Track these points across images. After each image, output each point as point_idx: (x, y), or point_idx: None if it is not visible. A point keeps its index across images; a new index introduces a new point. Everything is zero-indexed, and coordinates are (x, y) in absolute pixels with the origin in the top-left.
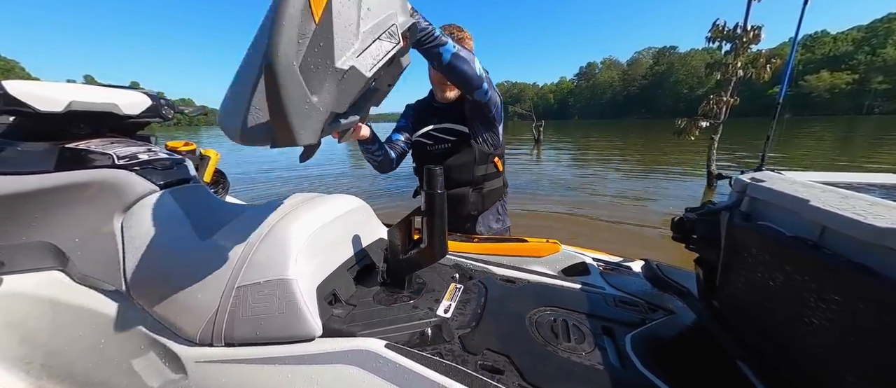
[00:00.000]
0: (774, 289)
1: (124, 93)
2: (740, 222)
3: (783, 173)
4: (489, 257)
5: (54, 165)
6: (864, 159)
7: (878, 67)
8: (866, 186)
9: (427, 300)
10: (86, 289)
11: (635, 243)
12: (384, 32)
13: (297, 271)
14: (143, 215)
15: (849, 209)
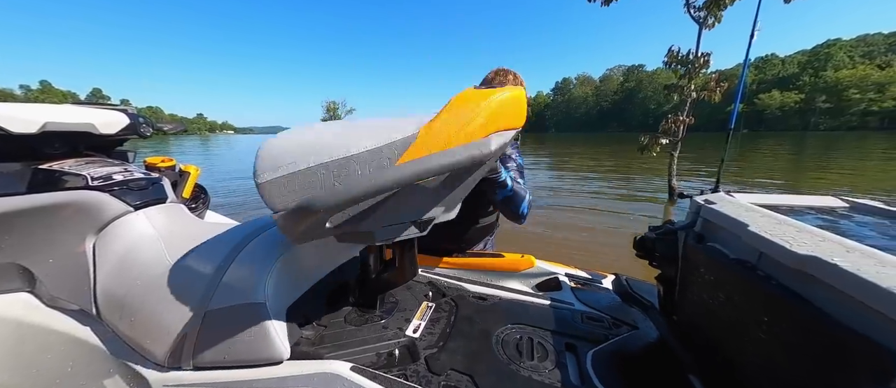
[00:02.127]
0: (721, 306)
1: (101, 112)
2: (693, 243)
3: (734, 196)
4: (465, 274)
5: (26, 187)
6: (812, 173)
7: (821, 88)
8: (805, 208)
9: (397, 320)
10: (54, 311)
11: (607, 251)
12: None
13: (267, 293)
14: (115, 237)
15: (779, 235)
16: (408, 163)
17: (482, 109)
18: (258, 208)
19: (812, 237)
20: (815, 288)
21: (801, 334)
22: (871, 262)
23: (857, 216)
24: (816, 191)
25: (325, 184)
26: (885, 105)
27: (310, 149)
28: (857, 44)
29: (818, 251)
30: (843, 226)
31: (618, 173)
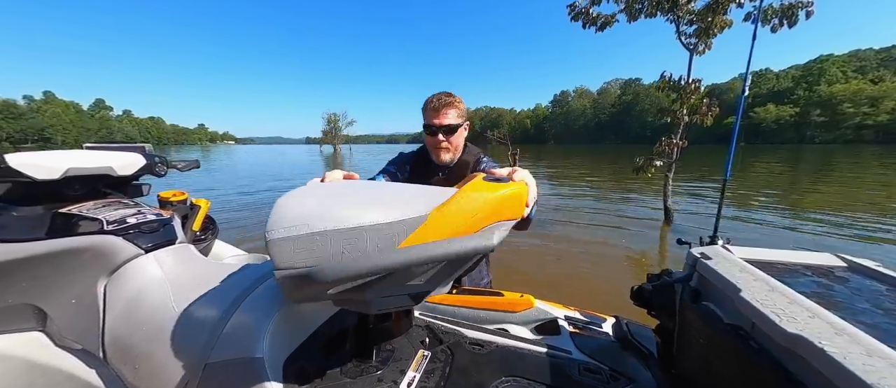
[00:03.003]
0: (718, 368)
1: (119, 155)
2: (689, 301)
3: (731, 249)
4: (462, 312)
5: (46, 232)
6: (811, 194)
7: (815, 102)
8: (801, 267)
9: (393, 371)
10: (64, 352)
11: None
12: None
13: (266, 347)
14: (125, 280)
15: (770, 306)
16: (414, 247)
17: (489, 201)
18: (259, 224)
19: (803, 313)
20: (804, 368)
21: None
22: (859, 350)
23: (853, 280)
24: (814, 208)
25: (333, 252)
26: (880, 119)
27: (323, 212)
28: (849, 59)
29: (807, 331)
30: (838, 294)
31: (618, 189)
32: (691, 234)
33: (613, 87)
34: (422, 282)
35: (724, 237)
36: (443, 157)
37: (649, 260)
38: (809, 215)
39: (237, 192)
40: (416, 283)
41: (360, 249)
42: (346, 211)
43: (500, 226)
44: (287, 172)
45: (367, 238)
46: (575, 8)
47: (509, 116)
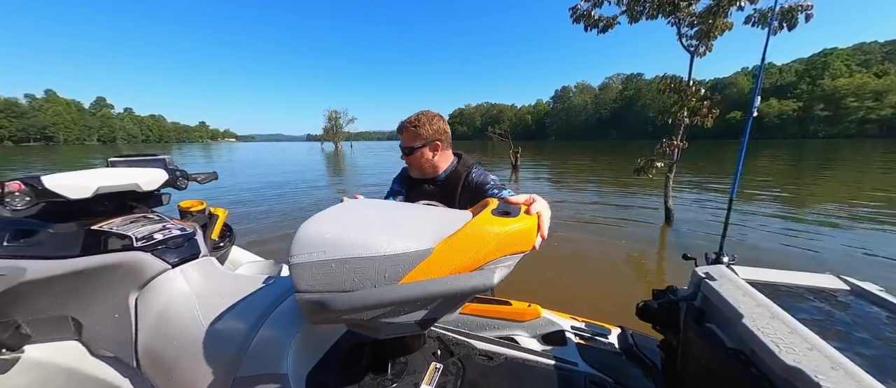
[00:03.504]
0: (722, 384)
1: (144, 171)
2: (693, 322)
3: (736, 269)
4: (472, 320)
5: (80, 250)
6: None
7: (818, 96)
8: (804, 290)
9: (407, 384)
10: (100, 361)
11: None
12: None
13: (289, 363)
14: (155, 294)
15: (771, 335)
16: (416, 284)
17: (495, 236)
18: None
19: (801, 344)
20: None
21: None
22: (847, 382)
23: (854, 306)
24: (817, 203)
25: (346, 279)
26: (884, 113)
27: (340, 241)
28: (853, 52)
29: (805, 363)
30: (838, 321)
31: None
32: (690, 236)
33: (615, 82)
34: (428, 311)
35: (729, 254)
36: (413, 174)
37: (649, 261)
38: (816, 213)
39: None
40: (422, 311)
41: (368, 278)
42: (359, 240)
43: (505, 260)
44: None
45: (376, 268)
46: (577, 11)
47: (510, 112)
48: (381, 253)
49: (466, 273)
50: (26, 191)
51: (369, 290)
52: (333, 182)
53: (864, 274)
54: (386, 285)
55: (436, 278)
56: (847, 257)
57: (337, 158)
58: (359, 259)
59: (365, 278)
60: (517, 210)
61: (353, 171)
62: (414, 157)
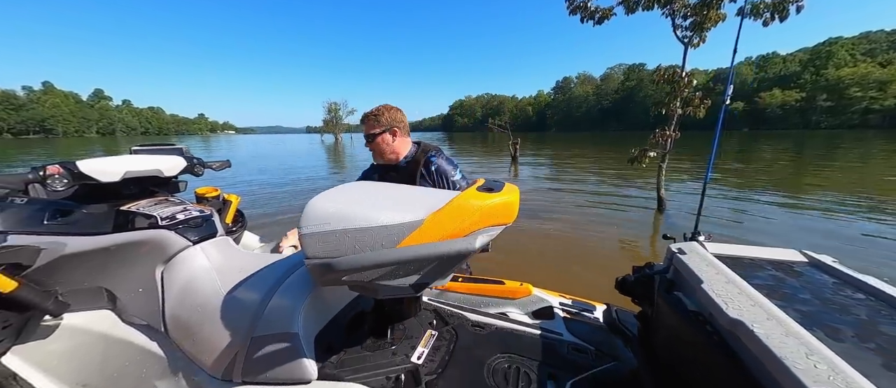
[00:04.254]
0: (682, 348)
1: (165, 158)
2: (663, 290)
3: (707, 245)
4: (467, 298)
5: (112, 227)
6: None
7: (822, 86)
8: (765, 262)
9: (405, 347)
10: (131, 327)
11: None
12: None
13: (300, 324)
14: (179, 268)
15: (723, 296)
16: (410, 248)
17: (478, 209)
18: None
19: (747, 301)
20: (741, 346)
21: (736, 383)
22: (780, 332)
23: (807, 274)
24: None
25: (347, 247)
26: (887, 103)
27: (342, 214)
28: (859, 41)
29: (745, 316)
30: (787, 286)
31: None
32: (681, 221)
33: (617, 72)
34: (420, 275)
35: (705, 233)
36: (376, 160)
37: (641, 247)
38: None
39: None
40: (415, 276)
41: (367, 245)
42: (360, 213)
43: (488, 230)
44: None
45: (374, 237)
46: (573, 2)
47: (511, 104)
48: (379, 224)
49: (451, 239)
50: (64, 174)
51: (367, 253)
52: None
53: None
54: (383, 251)
55: (427, 243)
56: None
57: (337, 151)
58: (358, 230)
59: (364, 246)
60: (500, 186)
61: (356, 164)
62: (375, 143)
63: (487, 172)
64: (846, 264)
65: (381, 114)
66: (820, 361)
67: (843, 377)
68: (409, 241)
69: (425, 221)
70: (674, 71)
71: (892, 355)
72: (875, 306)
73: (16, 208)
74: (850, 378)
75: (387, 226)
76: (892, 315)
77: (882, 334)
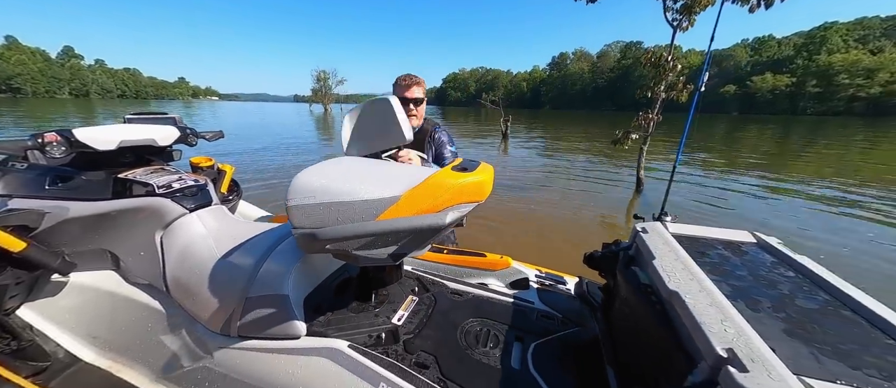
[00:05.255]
0: (632, 316)
1: (159, 128)
2: (622, 266)
3: (668, 226)
4: (450, 268)
5: (111, 194)
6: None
7: (812, 72)
8: (717, 242)
9: (387, 310)
10: (135, 288)
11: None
12: None
13: (290, 287)
14: (178, 234)
15: (668, 270)
16: (386, 221)
17: (451, 187)
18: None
19: (687, 276)
20: (675, 313)
21: (671, 347)
22: (706, 301)
23: (752, 253)
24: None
25: (330, 219)
26: (872, 91)
27: (326, 188)
28: (853, 27)
29: (681, 288)
30: (729, 263)
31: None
32: (656, 201)
33: (613, 50)
34: (398, 246)
35: (672, 214)
36: (412, 123)
37: (620, 222)
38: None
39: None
40: (393, 246)
41: (348, 218)
42: (343, 187)
43: (460, 207)
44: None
45: (355, 210)
46: None
47: (505, 79)
48: (359, 198)
49: (424, 214)
50: (62, 141)
51: (347, 225)
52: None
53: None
54: (363, 223)
55: (402, 217)
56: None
57: (327, 121)
58: (340, 203)
59: (346, 218)
60: (475, 166)
61: None
62: (421, 107)
63: (476, 149)
64: (790, 246)
65: (423, 81)
66: (730, 326)
67: (745, 339)
68: (387, 215)
69: (402, 197)
70: (660, 55)
71: (794, 322)
72: (799, 283)
73: (18, 172)
74: (749, 339)
75: (366, 200)
76: (810, 291)
77: (795, 305)
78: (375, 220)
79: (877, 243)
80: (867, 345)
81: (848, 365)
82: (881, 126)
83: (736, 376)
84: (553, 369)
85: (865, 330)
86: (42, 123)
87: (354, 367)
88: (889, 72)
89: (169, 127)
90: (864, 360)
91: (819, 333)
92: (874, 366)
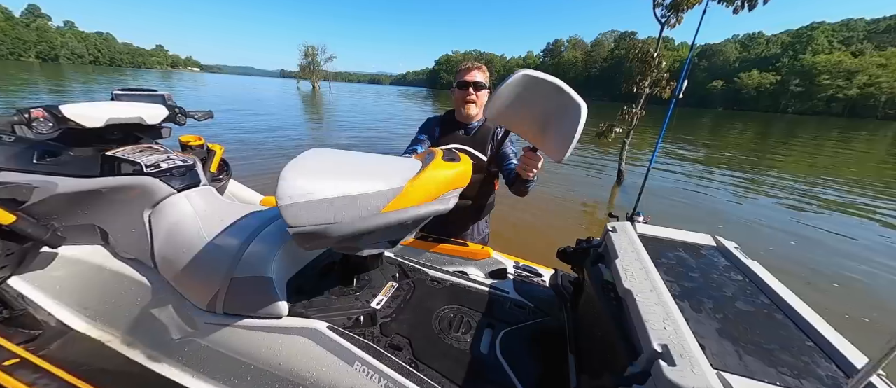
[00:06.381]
0: (593, 309)
1: (148, 106)
2: (589, 263)
3: (637, 226)
4: (433, 256)
5: (99, 171)
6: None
7: (797, 71)
8: (679, 243)
9: (367, 294)
10: (123, 263)
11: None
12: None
13: (274, 269)
14: (166, 213)
15: (626, 269)
16: (397, 211)
17: (446, 176)
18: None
19: (641, 275)
20: (627, 310)
21: (621, 340)
22: (654, 300)
23: (709, 255)
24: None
25: (333, 215)
26: (850, 93)
27: (325, 183)
28: (838, 28)
29: (635, 286)
30: (686, 264)
31: None
32: (633, 195)
33: (608, 39)
34: (398, 232)
35: (645, 214)
36: (470, 110)
37: (601, 210)
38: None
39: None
40: (393, 233)
41: (352, 211)
42: (342, 182)
43: (453, 193)
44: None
45: (359, 204)
46: None
47: (499, 64)
48: (363, 191)
49: (429, 202)
50: (48, 117)
51: (359, 221)
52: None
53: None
54: (371, 216)
55: (409, 206)
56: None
57: (315, 99)
58: (344, 197)
59: (349, 212)
60: (458, 157)
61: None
62: (479, 94)
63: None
64: (745, 249)
65: (486, 69)
66: (670, 324)
67: (679, 337)
68: (393, 205)
69: (405, 187)
70: (647, 51)
71: (729, 322)
72: (743, 286)
73: (5, 145)
74: (683, 337)
75: (372, 193)
76: (752, 294)
77: (734, 307)
78: (382, 211)
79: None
80: (788, 346)
81: (765, 363)
82: (854, 128)
83: (665, 369)
84: (519, 355)
85: (791, 332)
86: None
87: (332, 346)
88: (867, 75)
89: (158, 105)
90: (782, 358)
91: (748, 333)
92: (788, 365)
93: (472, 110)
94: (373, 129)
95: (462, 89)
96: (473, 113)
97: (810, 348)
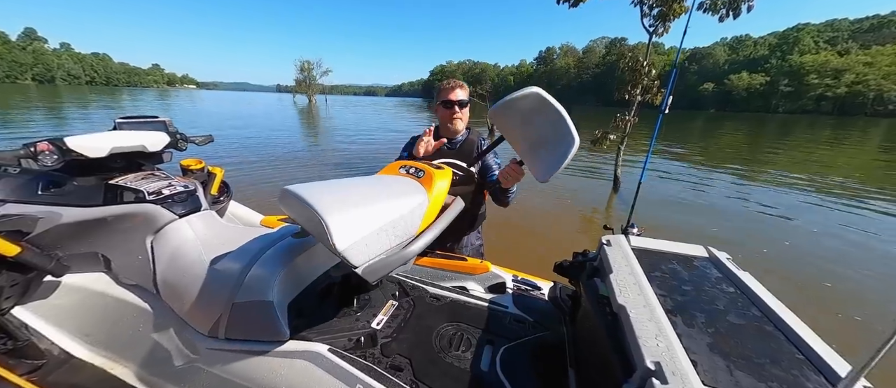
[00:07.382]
0: (590, 324)
1: (149, 134)
2: (585, 277)
3: (632, 239)
4: (432, 272)
5: (102, 200)
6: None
7: (785, 71)
8: (672, 255)
9: (367, 314)
10: (126, 290)
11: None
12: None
13: (275, 293)
14: (168, 239)
15: (621, 283)
16: (436, 222)
17: (447, 175)
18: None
19: (635, 289)
20: (622, 326)
21: (617, 356)
22: (647, 316)
23: (701, 268)
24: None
25: (387, 241)
26: (839, 91)
27: (363, 214)
28: (823, 29)
29: (629, 302)
30: (679, 277)
31: None
32: (629, 202)
33: (599, 46)
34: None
35: (640, 226)
36: (457, 126)
37: (599, 217)
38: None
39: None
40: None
41: (399, 233)
42: (385, 205)
43: (456, 198)
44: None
45: (403, 224)
46: None
47: (493, 72)
48: (407, 210)
49: (451, 207)
50: (53, 150)
51: (415, 242)
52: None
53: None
54: (413, 235)
55: (442, 214)
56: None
57: (311, 113)
58: (390, 222)
59: (397, 233)
60: (441, 165)
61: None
62: (465, 109)
63: None
64: (739, 251)
65: (465, 86)
66: (662, 341)
67: (671, 354)
68: (426, 217)
69: (431, 198)
70: (636, 59)
71: (720, 337)
72: (735, 298)
73: (11, 178)
74: (675, 354)
75: (404, 214)
76: (744, 306)
77: (726, 321)
78: (422, 226)
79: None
80: (778, 359)
81: (756, 378)
82: (844, 126)
83: (657, 387)
84: (519, 371)
85: (781, 345)
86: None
87: (333, 369)
88: (854, 73)
89: (159, 133)
90: (772, 373)
91: (739, 347)
92: (777, 379)
93: (459, 126)
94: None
95: (448, 108)
96: (460, 128)
97: (800, 361)
